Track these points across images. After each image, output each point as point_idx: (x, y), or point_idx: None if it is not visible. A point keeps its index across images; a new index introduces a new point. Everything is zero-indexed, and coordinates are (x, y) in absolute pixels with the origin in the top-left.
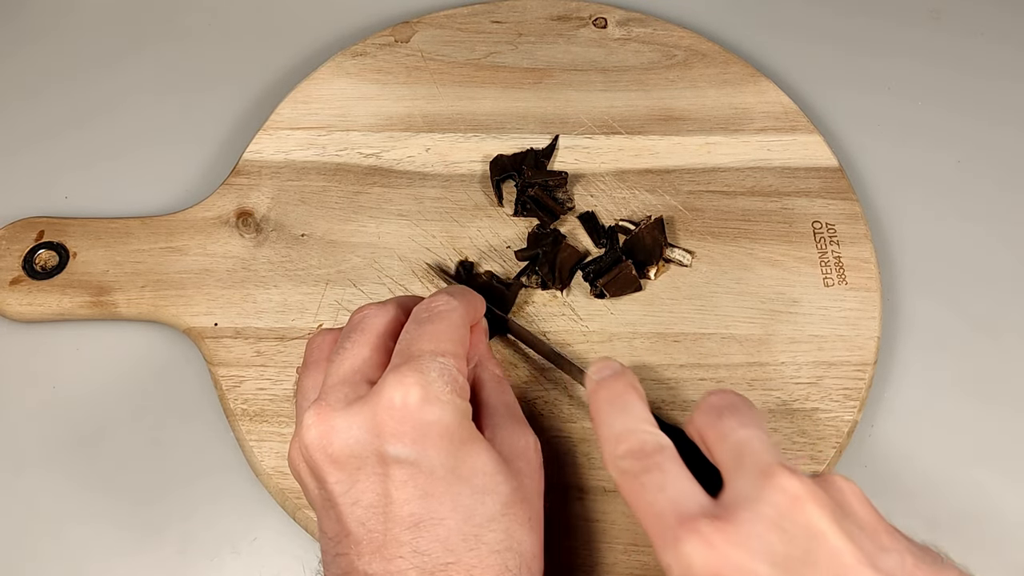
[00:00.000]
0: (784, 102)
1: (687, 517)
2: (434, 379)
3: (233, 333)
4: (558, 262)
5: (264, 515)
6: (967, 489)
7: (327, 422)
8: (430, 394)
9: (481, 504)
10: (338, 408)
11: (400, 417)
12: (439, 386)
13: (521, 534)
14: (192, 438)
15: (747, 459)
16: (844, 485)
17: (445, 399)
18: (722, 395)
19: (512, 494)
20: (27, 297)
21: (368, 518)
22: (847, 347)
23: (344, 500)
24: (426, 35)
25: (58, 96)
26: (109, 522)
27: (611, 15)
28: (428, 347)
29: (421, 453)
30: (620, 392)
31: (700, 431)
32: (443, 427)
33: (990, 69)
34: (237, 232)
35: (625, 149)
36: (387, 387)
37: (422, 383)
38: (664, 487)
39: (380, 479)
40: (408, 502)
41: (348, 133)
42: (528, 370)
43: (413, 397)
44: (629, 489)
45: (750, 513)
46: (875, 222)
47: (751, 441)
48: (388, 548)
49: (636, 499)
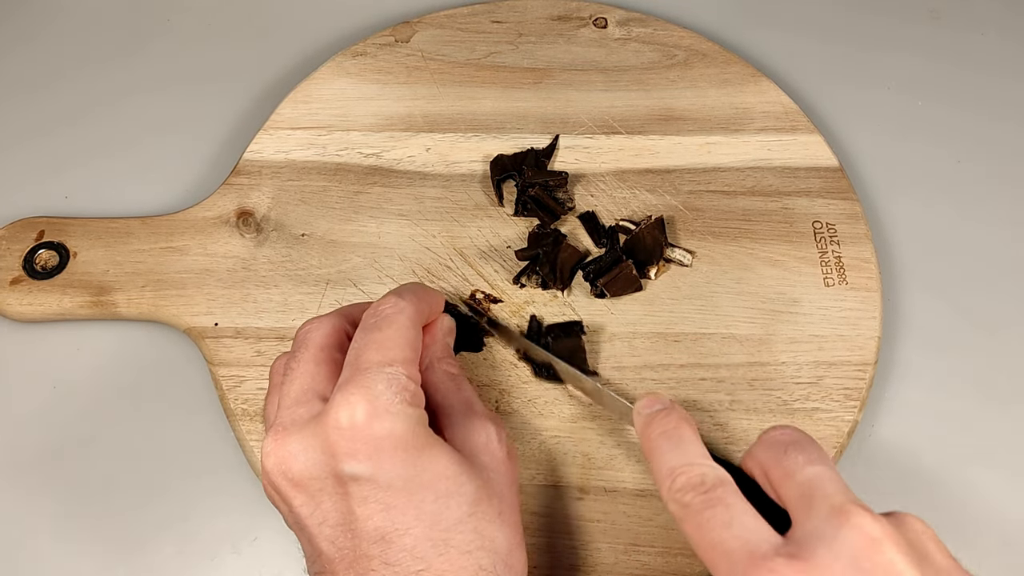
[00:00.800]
0: (784, 102)
1: (760, 555)
2: (381, 392)
3: (233, 333)
4: (559, 262)
5: (264, 515)
6: (967, 489)
7: (283, 448)
8: (378, 408)
9: (446, 508)
10: (292, 431)
11: (350, 436)
12: (387, 398)
13: (492, 531)
14: (192, 438)
15: (818, 497)
16: (918, 526)
17: (395, 410)
18: (785, 431)
19: (477, 492)
20: (27, 297)
21: (336, 536)
22: (847, 347)
23: (311, 521)
24: (426, 35)
25: (58, 96)
26: (109, 522)
27: (611, 15)
28: (375, 357)
29: (376, 468)
30: (674, 426)
31: (764, 466)
32: (395, 439)
33: (990, 68)
34: (237, 232)
35: (625, 149)
36: (334, 406)
37: (368, 398)
38: (730, 524)
39: (341, 498)
40: (371, 517)
41: (348, 133)
42: (528, 370)
43: (360, 414)
44: (692, 525)
45: (827, 552)
46: (875, 222)
47: (821, 478)
48: (359, 563)
49: (701, 535)
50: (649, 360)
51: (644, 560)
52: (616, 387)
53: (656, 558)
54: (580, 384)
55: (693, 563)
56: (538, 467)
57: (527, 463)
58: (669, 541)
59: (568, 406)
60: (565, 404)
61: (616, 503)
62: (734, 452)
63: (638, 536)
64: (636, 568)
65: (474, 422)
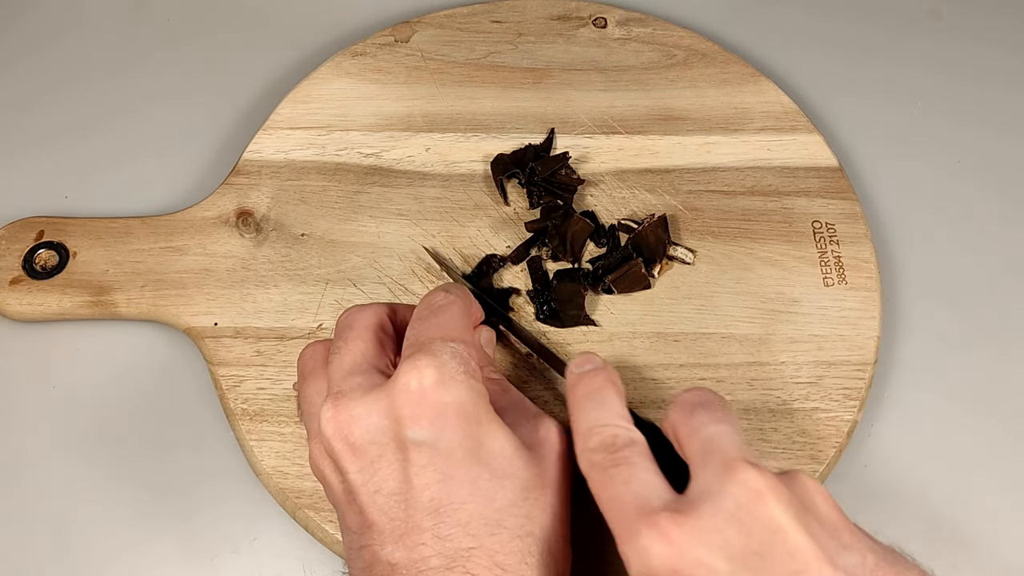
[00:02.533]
0: (784, 102)
1: (648, 511)
2: (447, 361)
3: (233, 333)
4: (569, 234)
5: (264, 515)
6: (967, 488)
7: (346, 411)
8: (444, 375)
9: (501, 488)
10: (355, 397)
11: (417, 400)
12: (453, 367)
13: (543, 520)
14: (192, 438)
15: (713, 453)
16: (808, 482)
17: (460, 379)
18: (696, 392)
19: (532, 479)
20: (27, 297)
21: (390, 506)
22: (847, 347)
23: (365, 489)
24: (426, 35)
25: (58, 96)
26: (109, 522)
27: (611, 15)
28: (437, 334)
29: (439, 435)
30: (598, 387)
31: (673, 427)
32: (459, 407)
33: (990, 69)
34: (237, 232)
35: (625, 149)
36: (402, 373)
37: (436, 364)
38: (630, 481)
39: (400, 465)
40: (428, 487)
41: (348, 133)
42: (527, 371)
43: (428, 379)
44: (597, 482)
45: (710, 506)
46: (875, 222)
47: (720, 437)
48: (410, 536)
49: (602, 492)
50: (649, 360)
51: None
52: None
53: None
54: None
55: None
56: None
57: None
58: None
59: None
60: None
61: None
62: None
63: None
64: None
65: (533, 420)
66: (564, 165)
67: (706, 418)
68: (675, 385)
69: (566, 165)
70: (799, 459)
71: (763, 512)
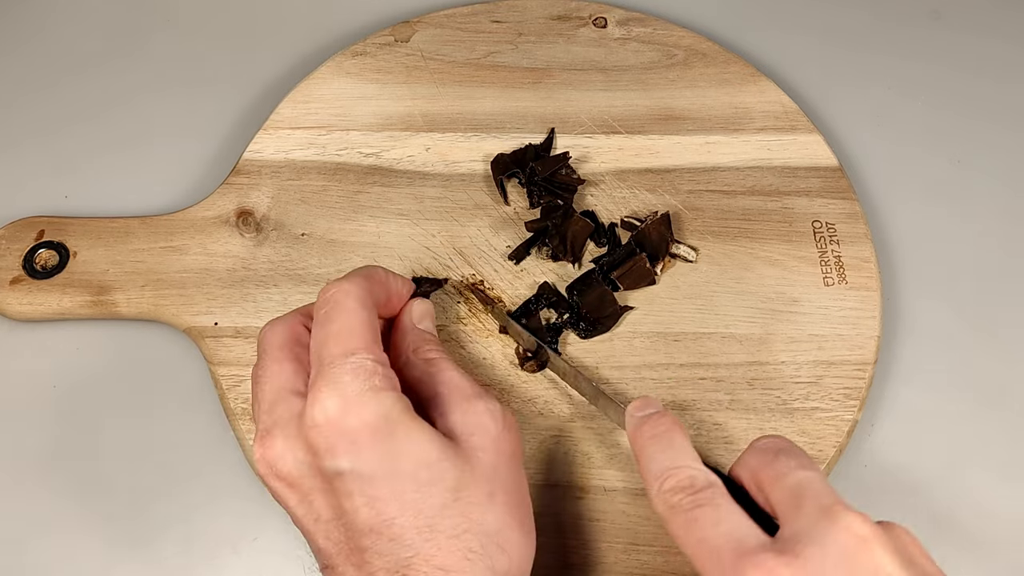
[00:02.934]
0: (784, 102)
1: (747, 551)
2: (347, 383)
3: (233, 332)
4: (569, 234)
5: (264, 515)
6: (967, 488)
7: (270, 450)
8: (347, 399)
9: (428, 496)
10: (276, 433)
11: (327, 432)
12: (354, 387)
13: (479, 513)
14: (192, 438)
15: (808, 499)
16: (904, 533)
17: (365, 398)
18: (774, 439)
19: (461, 478)
20: (27, 297)
21: (330, 531)
22: (847, 346)
23: (307, 520)
24: (426, 35)
25: (58, 96)
26: (109, 522)
27: (611, 15)
28: (335, 350)
29: (355, 460)
30: (665, 429)
31: (753, 471)
32: (369, 427)
33: (990, 69)
34: (237, 232)
35: (625, 149)
36: (308, 406)
37: (337, 391)
38: (719, 522)
39: (330, 493)
40: (358, 510)
41: (348, 133)
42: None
43: (332, 409)
44: (679, 524)
45: (815, 550)
46: (875, 222)
47: (811, 481)
48: (355, 555)
49: (687, 535)
50: (649, 360)
51: (644, 559)
52: (615, 387)
53: (656, 557)
54: (577, 385)
55: None
56: (538, 467)
57: (527, 463)
58: (669, 541)
59: (568, 406)
60: (565, 404)
61: (616, 503)
62: (733, 451)
63: (638, 535)
64: (636, 567)
65: (462, 404)
66: (564, 165)
67: (792, 463)
68: (675, 385)
69: (566, 165)
70: None
71: (870, 560)
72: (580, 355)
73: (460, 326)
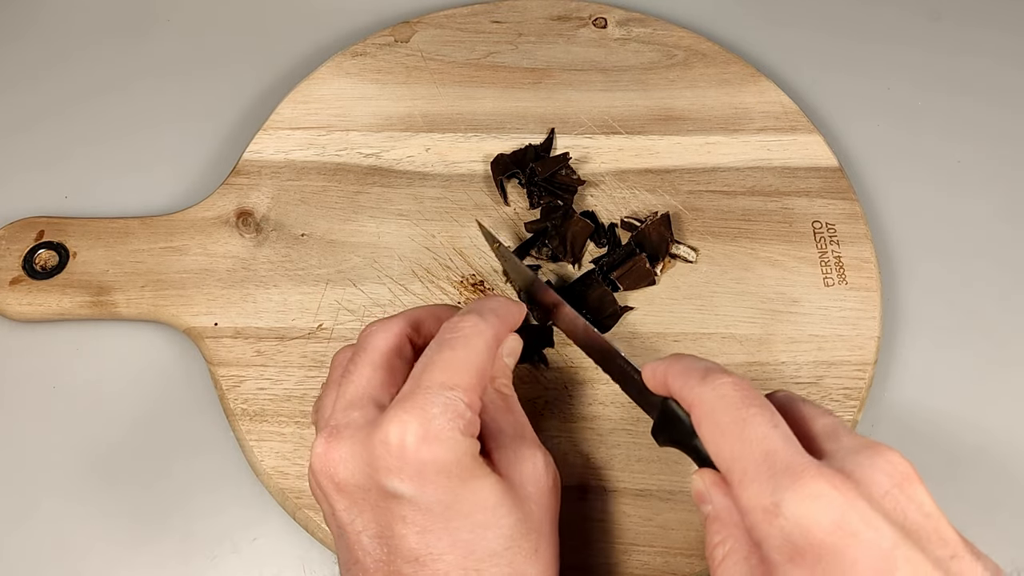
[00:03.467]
0: (784, 102)
1: (806, 461)
2: (436, 415)
3: (233, 333)
4: (570, 235)
5: (264, 515)
6: (967, 488)
7: (333, 451)
8: (429, 432)
9: (482, 539)
10: (344, 436)
11: (398, 454)
12: (440, 423)
13: (526, 567)
14: (192, 438)
15: (847, 434)
16: None
17: (445, 437)
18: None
19: (516, 527)
20: (27, 297)
21: (373, 548)
22: (847, 347)
23: (351, 528)
24: (426, 35)
25: (58, 96)
26: (109, 522)
27: (611, 15)
28: (439, 378)
29: (418, 490)
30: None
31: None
32: (441, 466)
33: (990, 69)
34: (237, 232)
35: (625, 149)
36: (387, 422)
37: (422, 419)
38: (777, 425)
39: (383, 511)
40: (407, 537)
41: (348, 133)
42: (527, 369)
43: (411, 436)
44: (732, 418)
45: (865, 474)
46: (875, 222)
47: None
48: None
49: (740, 428)
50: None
51: (644, 560)
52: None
53: (656, 558)
54: (589, 341)
55: (693, 563)
56: None
57: None
58: (669, 541)
59: (568, 406)
60: (565, 404)
61: (616, 503)
62: None
63: (638, 536)
64: (636, 568)
65: (522, 449)
66: (564, 165)
67: (818, 409)
68: None
69: (566, 165)
70: None
71: (915, 495)
72: (580, 355)
73: None
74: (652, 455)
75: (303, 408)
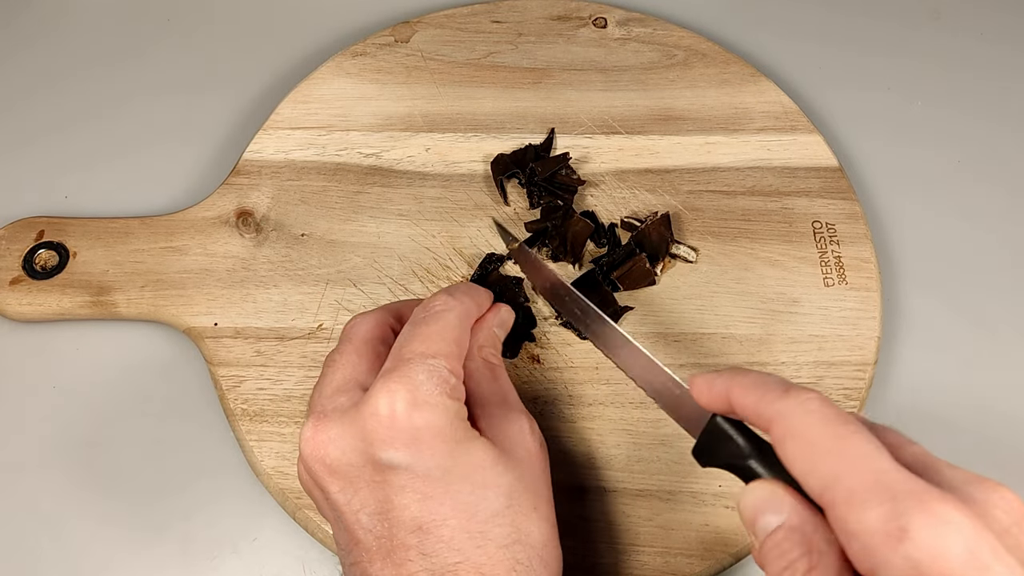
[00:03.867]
0: (784, 102)
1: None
2: (422, 382)
3: (233, 333)
4: (570, 235)
5: (264, 515)
6: None
7: (322, 433)
8: (418, 398)
9: (483, 500)
10: (332, 418)
11: (389, 424)
12: (427, 388)
13: (528, 525)
14: (192, 438)
15: (945, 466)
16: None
17: (434, 402)
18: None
19: (514, 484)
20: (27, 297)
21: (373, 525)
22: (847, 347)
23: (348, 509)
24: (426, 35)
25: (58, 96)
26: (109, 522)
27: (611, 15)
28: (419, 348)
29: (414, 457)
30: None
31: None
32: (434, 430)
33: (990, 69)
34: (237, 232)
35: (625, 149)
36: (374, 394)
37: (409, 387)
38: (879, 446)
39: (379, 486)
40: (408, 507)
41: (348, 133)
42: (527, 369)
43: (400, 403)
44: (830, 435)
45: (985, 508)
46: (875, 222)
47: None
48: (396, 553)
49: (840, 447)
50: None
51: (644, 560)
52: (615, 387)
53: (656, 558)
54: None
55: (693, 563)
56: None
57: None
58: (669, 541)
59: (568, 406)
60: (565, 404)
61: (616, 503)
62: None
63: (638, 536)
64: (636, 568)
65: (509, 414)
66: (564, 165)
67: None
68: None
69: (566, 165)
70: None
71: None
72: (580, 355)
73: None
74: (652, 455)
75: (303, 408)
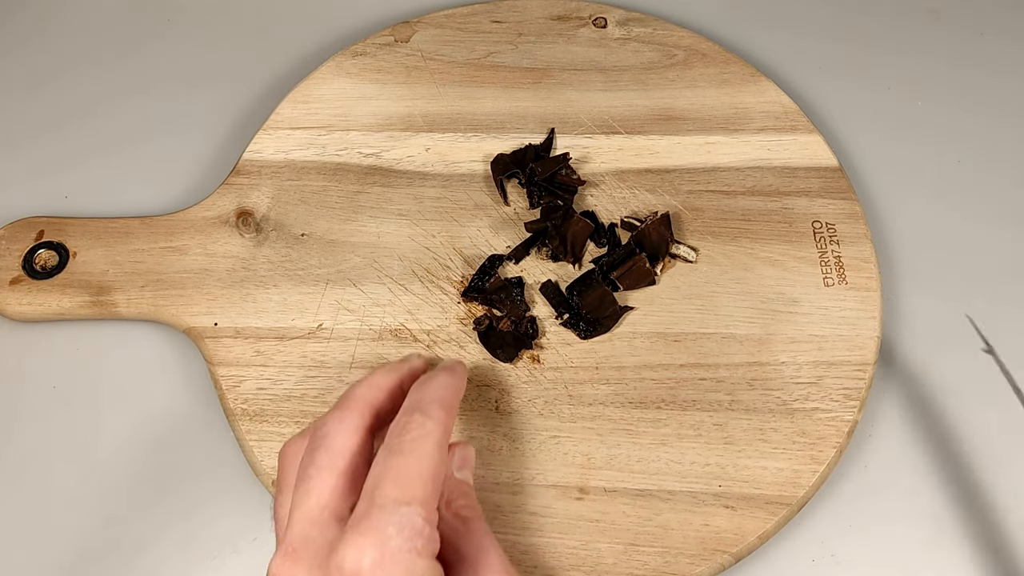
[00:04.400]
0: (784, 102)
1: None
2: (391, 536)
3: (233, 333)
4: (570, 235)
5: (264, 515)
6: (968, 489)
7: (288, 572)
8: (385, 556)
9: None
10: (302, 558)
11: None
12: (396, 544)
13: None
14: (192, 438)
15: None
16: None
17: (402, 559)
18: None
19: None
20: (27, 297)
21: None
22: (847, 347)
23: None
24: (426, 35)
25: (58, 96)
26: (109, 522)
27: (611, 15)
28: (392, 493)
29: None
30: None
31: None
32: None
33: (990, 68)
34: (237, 232)
35: (625, 149)
36: (342, 547)
37: (377, 543)
38: None
39: None
40: None
41: (348, 133)
42: (527, 369)
43: (366, 560)
44: None
45: None
46: (875, 222)
47: None
48: None
49: None
50: (649, 360)
51: (644, 560)
52: (615, 387)
53: (656, 558)
54: None
55: (693, 563)
56: (538, 467)
57: (528, 462)
58: (669, 541)
59: (568, 406)
60: (565, 404)
61: (616, 503)
62: (733, 451)
63: (638, 536)
64: (636, 568)
65: (488, 573)
66: (564, 165)
67: None
68: (675, 385)
69: (566, 165)
70: (799, 459)
71: None
72: (580, 355)
73: (460, 326)
74: (652, 455)
75: (303, 408)
